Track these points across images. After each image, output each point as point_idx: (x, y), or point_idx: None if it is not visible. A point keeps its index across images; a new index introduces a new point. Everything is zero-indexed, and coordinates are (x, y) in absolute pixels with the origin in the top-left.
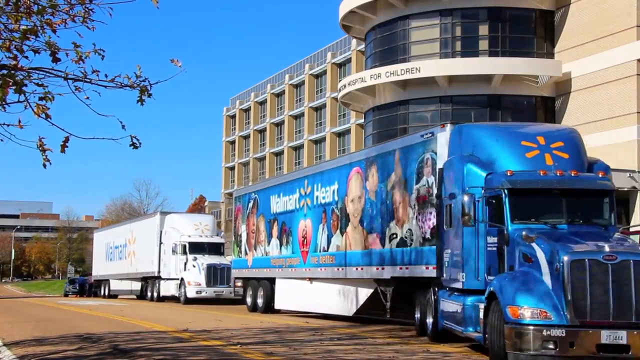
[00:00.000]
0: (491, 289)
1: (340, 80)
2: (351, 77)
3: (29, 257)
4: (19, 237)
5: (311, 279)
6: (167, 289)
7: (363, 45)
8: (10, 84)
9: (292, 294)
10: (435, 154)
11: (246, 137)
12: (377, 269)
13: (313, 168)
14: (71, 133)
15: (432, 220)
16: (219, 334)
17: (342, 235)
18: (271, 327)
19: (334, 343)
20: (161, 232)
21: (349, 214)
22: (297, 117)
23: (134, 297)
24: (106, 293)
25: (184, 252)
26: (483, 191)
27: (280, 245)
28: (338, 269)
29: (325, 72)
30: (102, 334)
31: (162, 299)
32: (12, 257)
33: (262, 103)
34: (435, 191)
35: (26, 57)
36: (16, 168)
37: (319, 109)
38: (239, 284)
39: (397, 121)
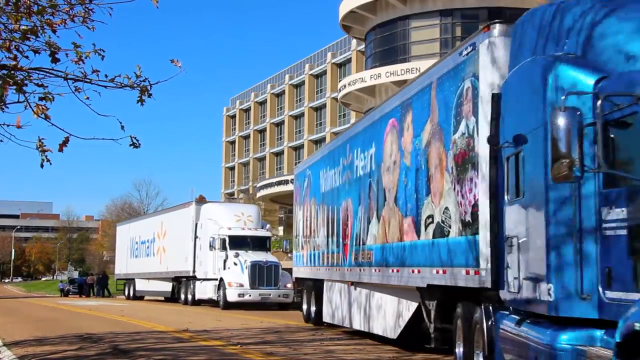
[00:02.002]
0: (635, 324)
1: (340, 80)
2: (351, 77)
3: (29, 257)
4: (19, 237)
5: (354, 284)
6: (203, 290)
7: (363, 45)
8: (10, 84)
9: (337, 303)
10: (477, 78)
11: (246, 137)
12: (413, 271)
13: (355, 127)
14: (71, 133)
15: (475, 191)
16: (219, 334)
17: (379, 221)
18: (271, 327)
19: (333, 343)
20: (196, 224)
21: (385, 188)
22: (297, 117)
23: (163, 299)
24: (131, 294)
25: (224, 248)
26: (599, 105)
27: (327, 237)
28: (376, 270)
29: (325, 72)
30: (102, 334)
31: (197, 302)
32: (12, 257)
33: (262, 103)
34: (477, 142)
35: (26, 57)
36: (16, 168)
37: (319, 109)
38: (289, 285)
39: None
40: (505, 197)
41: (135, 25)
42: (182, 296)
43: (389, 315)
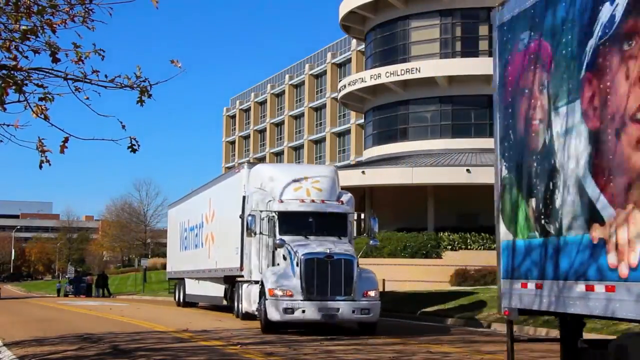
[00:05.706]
0: None
1: (340, 81)
2: (351, 77)
3: (29, 257)
4: (19, 237)
5: None
6: (249, 298)
7: (363, 46)
8: (11, 84)
9: None
10: None
11: (246, 137)
12: None
13: None
14: (70, 134)
15: None
16: (218, 334)
17: None
18: None
19: (333, 343)
20: (244, 197)
21: None
22: (297, 117)
23: (217, 305)
24: (180, 298)
25: (273, 232)
26: None
27: None
28: None
29: (325, 72)
30: (102, 334)
31: (245, 315)
32: (12, 257)
33: (262, 103)
34: None
35: (26, 58)
36: (16, 168)
37: (319, 109)
38: (372, 293)
39: (397, 121)
40: None
41: (135, 26)
42: (236, 303)
43: None
